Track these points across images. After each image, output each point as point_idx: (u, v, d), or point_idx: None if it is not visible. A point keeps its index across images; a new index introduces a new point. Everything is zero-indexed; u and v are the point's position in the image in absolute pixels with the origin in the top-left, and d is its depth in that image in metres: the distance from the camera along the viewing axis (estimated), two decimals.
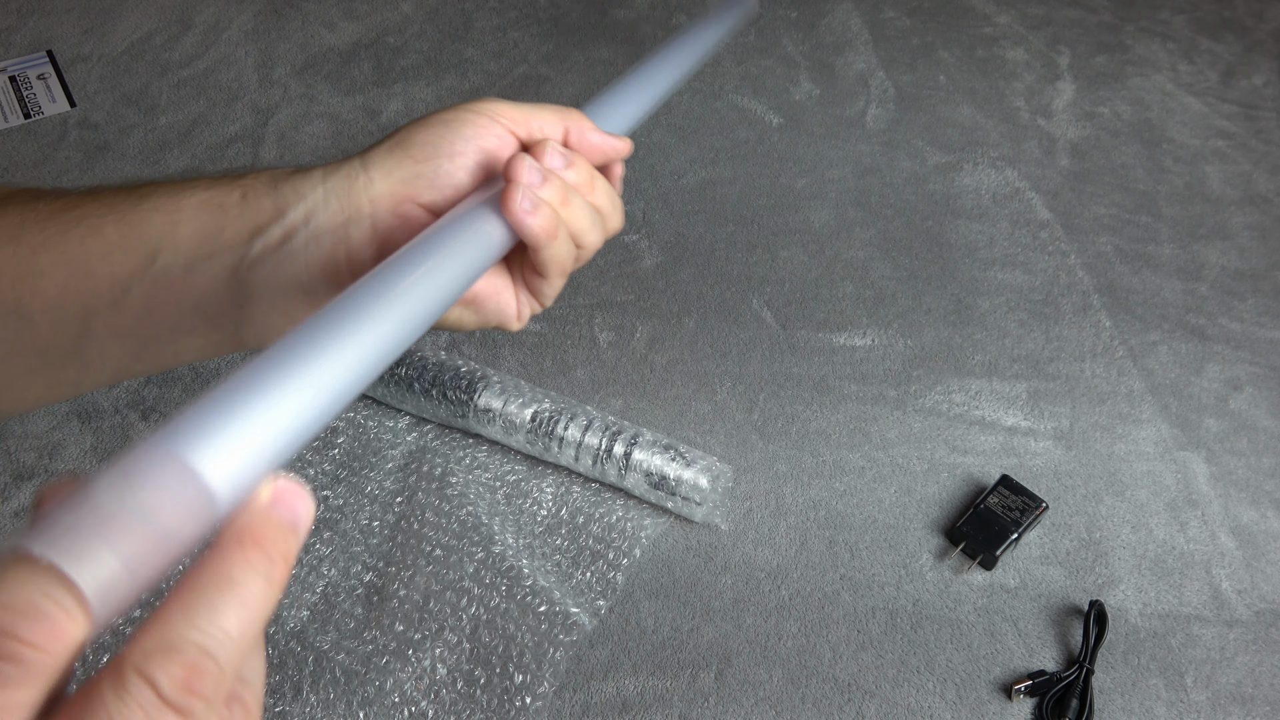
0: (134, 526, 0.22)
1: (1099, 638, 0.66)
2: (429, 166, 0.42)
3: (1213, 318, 0.88)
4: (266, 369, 0.28)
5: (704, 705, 0.63)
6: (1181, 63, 1.12)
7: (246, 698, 0.24)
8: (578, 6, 1.11)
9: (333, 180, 0.40)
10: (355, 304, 0.34)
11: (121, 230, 0.38)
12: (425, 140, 0.42)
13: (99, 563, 0.21)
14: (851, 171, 0.97)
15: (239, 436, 0.25)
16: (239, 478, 0.25)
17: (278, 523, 0.24)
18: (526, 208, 0.40)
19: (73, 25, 1.04)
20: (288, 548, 0.24)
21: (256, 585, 0.23)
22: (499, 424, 0.71)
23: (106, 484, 0.22)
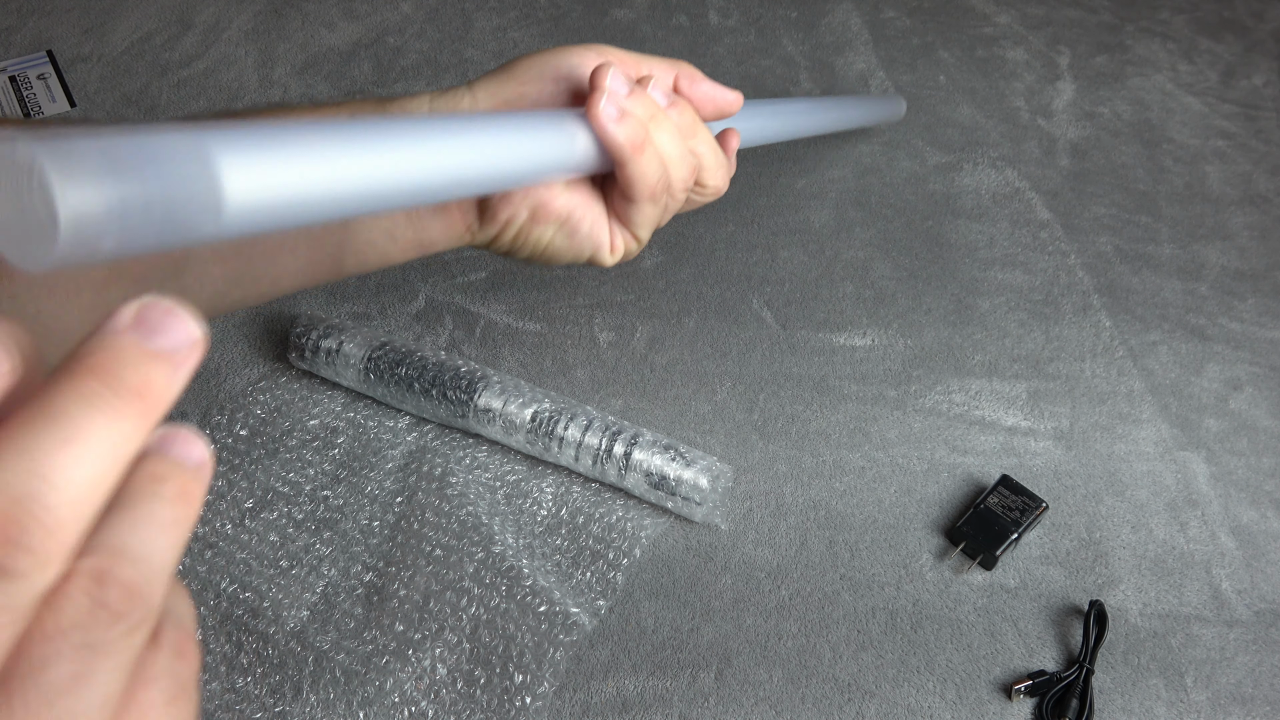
0: (137, 177, 0.20)
1: (1099, 638, 0.66)
2: (533, 88, 0.42)
3: (1213, 318, 0.88)
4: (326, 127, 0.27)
5: (704, 705, 0.63)
6: (1181, 63, 1.12)
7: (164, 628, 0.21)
8: (578, 6, 1.11)
9: (440, 102, 0.41)
10: (426, 125, 0.32)
11: None
12: (531, 64, 0.43)
13: (88, 190, 0.19)
14: (851, 171, 0.97)
15: (273, 164, 0.24)
16: (255, 200, 0.23)
17: (132, 348, 0.20)
18: (611, 114, 0.39)
19: (73, 25, 1.04)
20: (144, 379, 0.19)
21: (91, 421, 0.18)
22: (499, 424, 0.71)
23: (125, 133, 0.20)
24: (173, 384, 0.20)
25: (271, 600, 0.66)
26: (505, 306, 0.83)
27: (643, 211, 0.44)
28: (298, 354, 0.75)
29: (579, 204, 0.44)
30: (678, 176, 0.43)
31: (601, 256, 0.46)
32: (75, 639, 0.18)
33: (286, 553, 0.68)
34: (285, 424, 0.74)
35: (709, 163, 0.45)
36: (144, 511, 0.19)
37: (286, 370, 0.77)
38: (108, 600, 0.18)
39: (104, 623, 0.18)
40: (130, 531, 0.19)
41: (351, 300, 0.82)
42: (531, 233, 0.44)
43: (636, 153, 0.40)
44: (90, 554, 0.18)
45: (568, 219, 0.44)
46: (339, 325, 0.75)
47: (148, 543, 0.19)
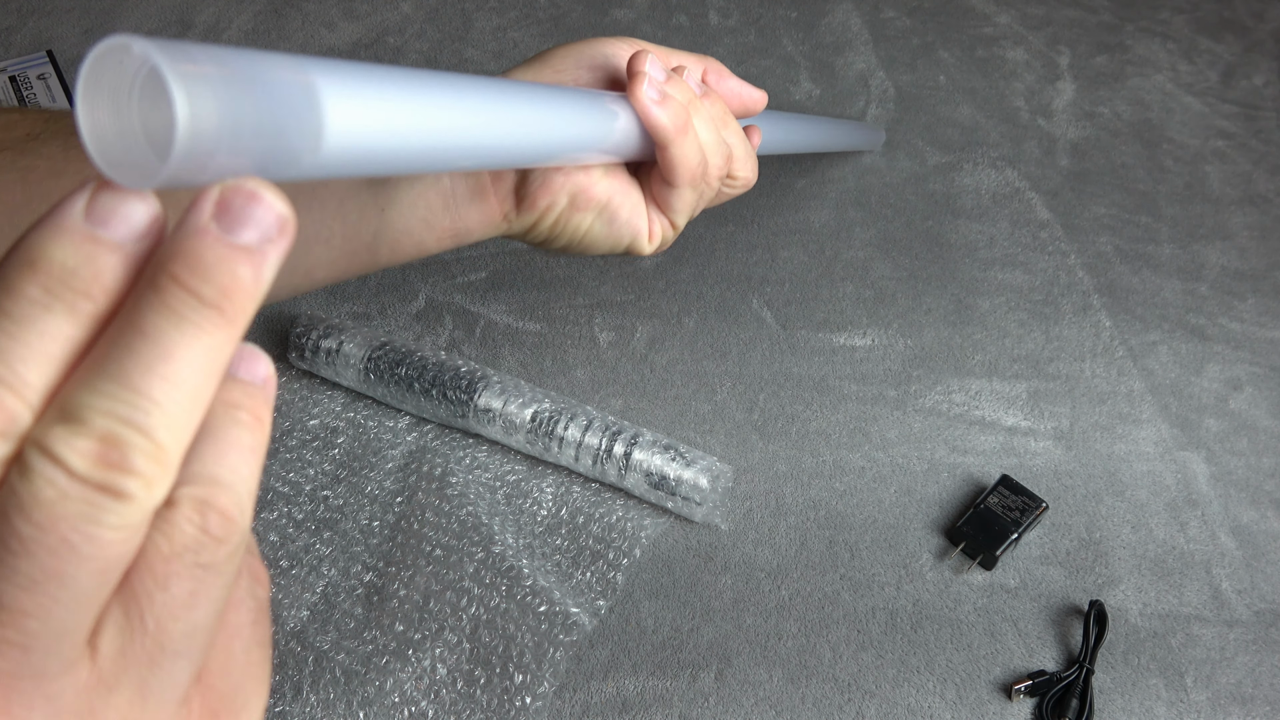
0: (247, 91, 0.19)
1: (1099, 638, 0.66)
2: (568, 76, 0.43)
3: (1213, 318, 0.88)
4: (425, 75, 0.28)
5: (704, 705, 0.63)
6: (1181, 63, 1.12)
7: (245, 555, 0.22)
8: (578, 6, 1.11)
9: None
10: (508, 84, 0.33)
11: None
12: (567, 54, 0.44)
13: (207, 100, 0.18)
14: (851, 171, 0.97)
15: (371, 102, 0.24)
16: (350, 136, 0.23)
17: (216, 246, 0.19)
18: (654, 96, 0.40)
19: (73, 25, 1.04)
20: (232, 280, 0.19)
21: (183, 337, 0.18)
22: (499, 424, 0.71)
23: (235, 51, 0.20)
24: (262, 278, 0.19)
25: (271, 600, 0.66)
26: (505, 306, 0.83)
27: (683, 197, 0.44)
28: (298, 354, 0.75)
29: (618, 190, 0.44)
30: (714, 164, 0.44)
31: (640, 244, 0.46)
32: (189, 560, 0.19)
33: (286, 553, 0.68)
34: (285, 424, 0.74)
35: (740, 153, 0.46)
36: (227, 439, 0.20)
37: (286, 370, 0.77)
38: (211, 527, 0.19)
39: (211, 548, 0.20)
40: (219, 460, 0.20)
41: (351, 300, 0.82)
42: (571, 220, 0.45)
43: (680, 134, 0.41)
44: (189, 483, 0.19)
45: (607, 205, 0.44)
46: (339, 325, 0.75)
47: (235, 470, 0.20)
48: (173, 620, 0.19)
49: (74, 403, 0.18)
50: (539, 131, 0.34)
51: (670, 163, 0.42)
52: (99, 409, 0.18)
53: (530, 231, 0.46)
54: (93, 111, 0.19)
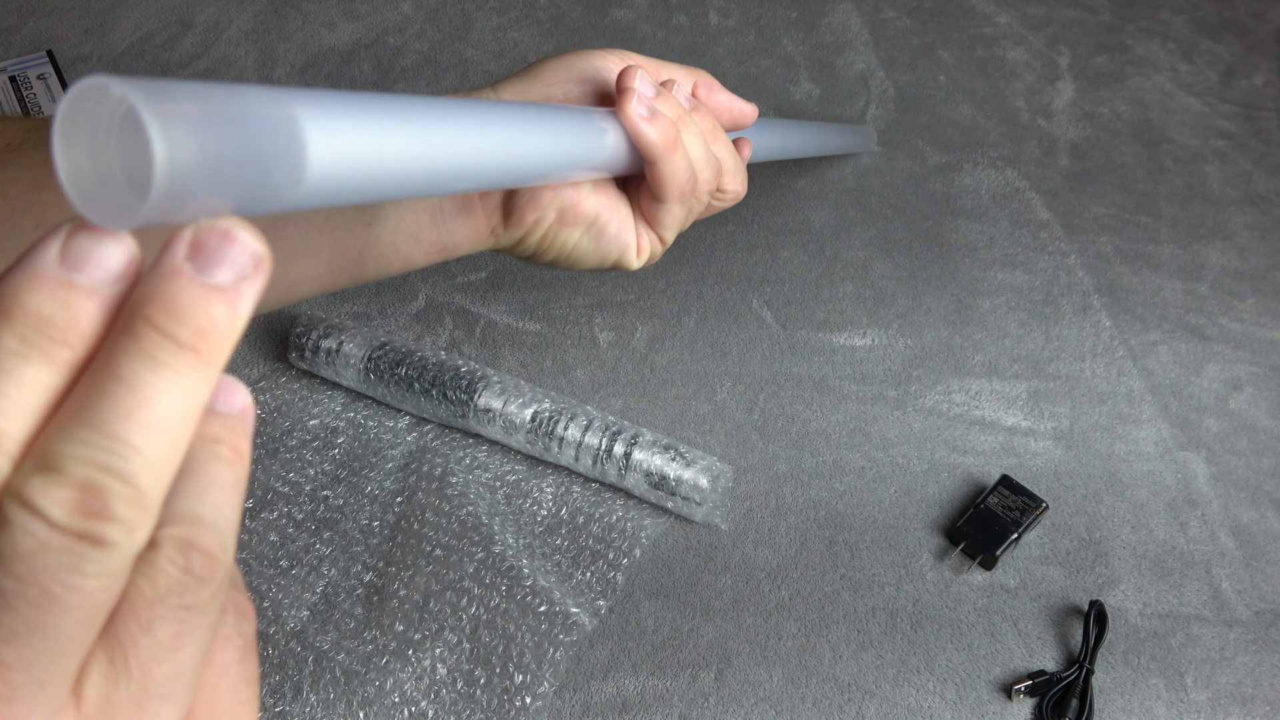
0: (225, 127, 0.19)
1: (1099, 638, 0.66)
2: (558, 90, 0.43)
3: (1213, 318, 0.88)
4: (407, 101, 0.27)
5: (704, 705, 0.63)
6: (1181, 63, 1.12)
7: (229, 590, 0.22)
8: (578, 6, 1.11)
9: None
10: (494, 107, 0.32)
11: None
12: (556, 67, 0.43)
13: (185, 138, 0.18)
14: (851, 171, 0.97)
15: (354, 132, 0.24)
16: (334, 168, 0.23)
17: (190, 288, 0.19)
18: (643, 113, 0.40)
19: (73, 25, 1.04)
20: (207, 321, 0.19)
21: (159, 381, 0.18)
22: (499, 424, 0.71)
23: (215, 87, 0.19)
24: (238, 317, 0.19)
25: (271, 600, 0.66)
26: (505, 306, 0.83)
27: (671, 213, 0.44)
28: (298, 354, 0.75)
29: (606, 205, 0.44)
30: (703, 179, 0.44)
31: (628, 259, 0.47)
32: (173, 602, 0.19)
33: (286, 553, 0.68)
34: (285, 424, 0.74)
35: (729, 166, 0.45)
36: (207, 476, 0.20)
37: (286, 370, 0.77)
38: (194, 567, 0.19)
39: (194, 588, 0.19)
40: (200, 499, 0.20)
41: (351, 300, 0.82)
42: (559, 235, 0.45)
43: (669, 151, 0.41)
44: (171, 523, 0.19)
45: (595, 220, 0.44)
46: (339, 325, 0.75)
47: (217, 507, 0.20)
48: (157, 664, 0.19)
49: (52, 452, 0.18)
50: (525, 153, 0.34)
51: (659, 179, 0.42)
52: (78, 457, 0.17)
53: (518, 246, 0.46)
54: (70, 151, 0.19)
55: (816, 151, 0.66)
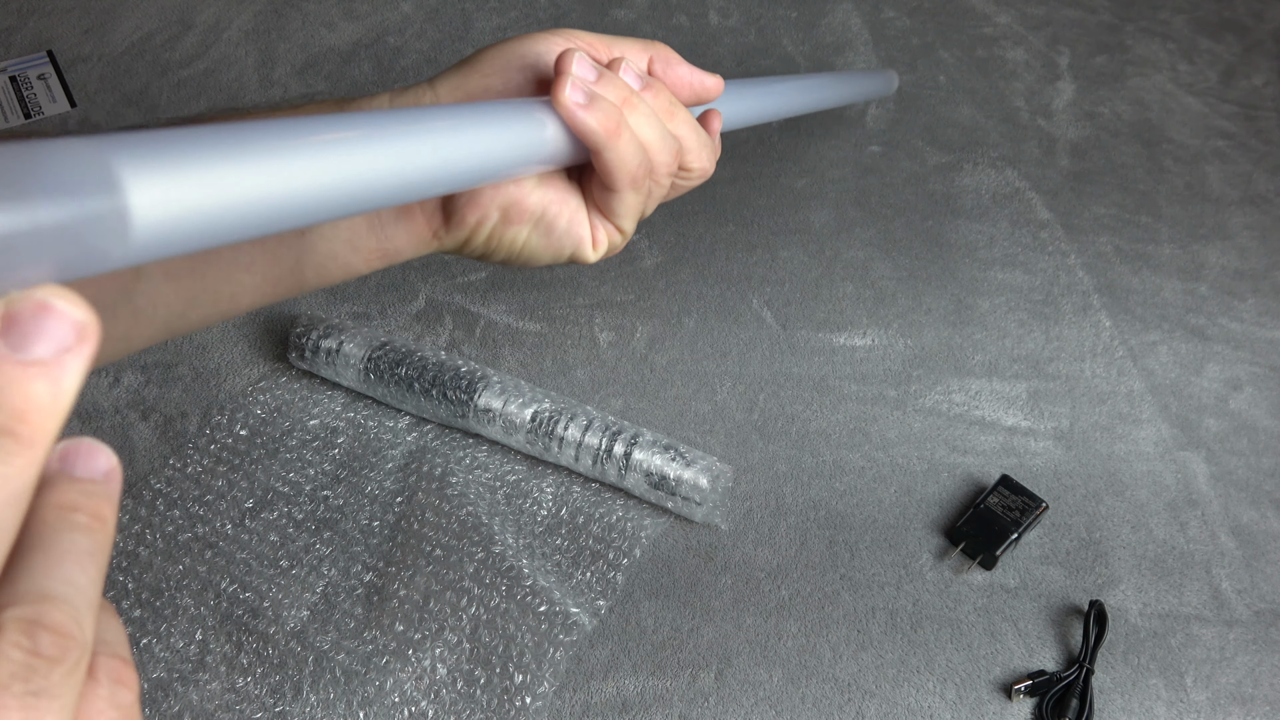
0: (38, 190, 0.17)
1: (1099, 638, 0.66)
2: (497, 79, 0.40)
3: (1213, 318, 0.88)
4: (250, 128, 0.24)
5: (704, 705, 0.63)
6: (1181, 63, 1.12)
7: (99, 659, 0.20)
8: (578, 6, 1.11)
9: (401, 99, 0.39)
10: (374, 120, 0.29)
11: None
12: (495, 55, 0.41)
13: None
14: (851, 171, 0.97)
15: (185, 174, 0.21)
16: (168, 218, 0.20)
17: (4, 366, 0.18)
18: (579, 100, 0.37)
19: (73, 25, 1.04)
20: (25, 401, 0.18)
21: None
22: (499, 424, 0.71)
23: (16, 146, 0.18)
24: (62, 392, 0.18)
25: (271, 600, 0.66)
26: (505, 306, 0.83)
27: (625, 201, 0.42)
28: (298, 354, 0.75)
29: (554, 200, 0.42)
30: (660, 161, 0.41)
31: (583, 253, 0.44)
32: (18, 689, 0.18)
33: (286, 553, 0.68)
34: (285, 424, 0.74)
35: (691, 144, 0.43)
36: (60, 548, 0.19)
37: (286, 370, 0.77)
38: (41, 648, 0.18)
39: (43, 671, 0.18)
40: (49, 573, 0.18)
41: (351, 300, 0.82)
42: (505, 234, 0.42)
43: (612, 138, 0.38)
44: (14, 604, 0.18)
45: (543, 216, 0.42)
46: (339, 325, 0.75)
47: (70, 580, 0.19)
48: None
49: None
50: (436, 163, 0.31)
51: (607, 167, 0.39)
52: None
53: (464, 247, 0.43)
54: None
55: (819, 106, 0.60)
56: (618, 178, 0.40)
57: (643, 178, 0.41)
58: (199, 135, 0.22)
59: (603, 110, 0.38)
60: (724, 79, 0.47)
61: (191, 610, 0.65)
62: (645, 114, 0.40)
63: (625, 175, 0.40)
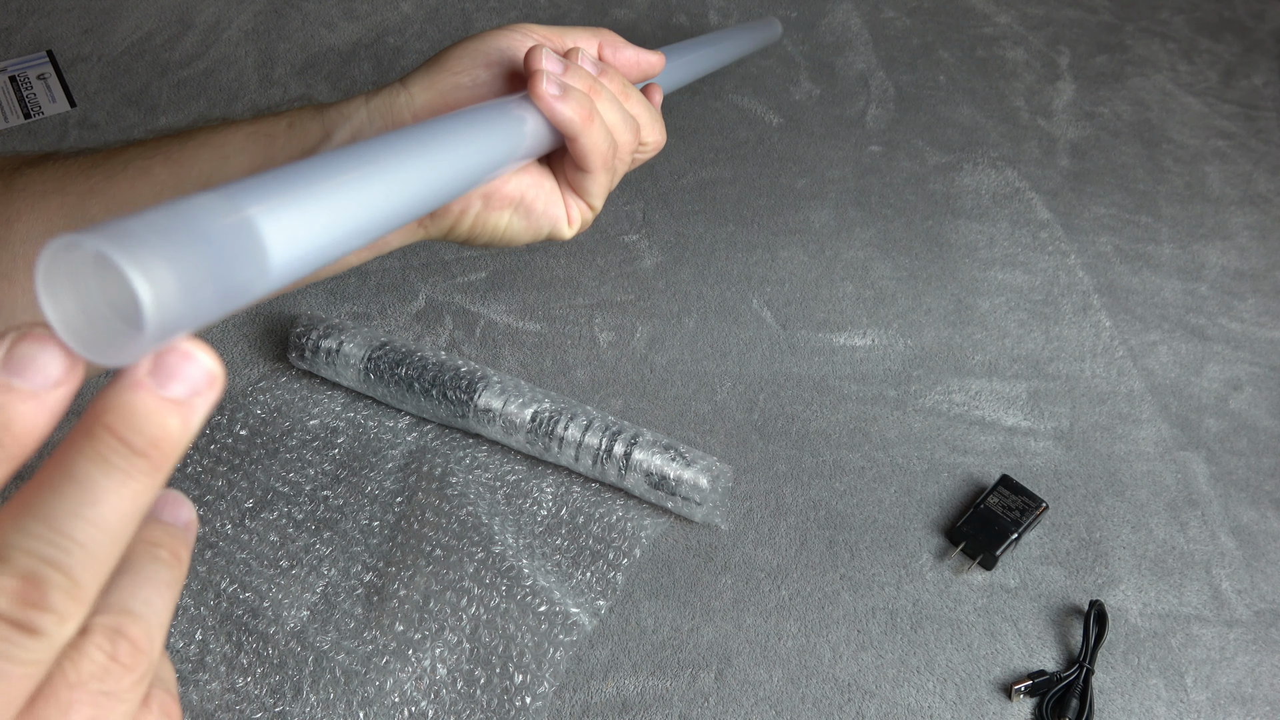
0: (193, 251, 0.20)
1: (1099, 638, 0.66)
2: (466, 77, 0.43)
3: (1213, 318, 0.88)
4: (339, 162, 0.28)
5: (704, 705, 0.63)
6: (1181, 63, 1.12)
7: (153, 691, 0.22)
8: (578, 6, 1.11)
9: (376, 101, 0.41)
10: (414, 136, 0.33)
11: (170, 169, 0.38)
12: (461, 54, 0.44)
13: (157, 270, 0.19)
14: (851, 171, 0.97)
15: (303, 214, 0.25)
16: (292, 252, 0.24)
17: (148, 400, 0.20)
18: (555, 92, 0.40)
19: (73, 25, 1.04)
20: (160, 431, 0.20)
21: (110, 482, 0.20)
22: (499, 424, 0.71)
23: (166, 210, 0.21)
24: (189, 428, 0.21)
25: (271, 600, 0.66)
26: (505, 306, 0.83)
27: (597, 180, 0.45)
28: (298, 354, 0.75)
29: (531, 184, 0.45)
30: (624, 140, 0.44)
31: (560, 230, 0.47)
32: (94, 688, 0.20)
33: (286, 553, 0.68)
34: (285, 424, 0.74)
35: (646, 120, 0.46)
36: (144, 573, 0.22)
37: (286, 370, 0.77)
38: (120, 655, 0.20)
39: (117, 675, 0.20)
40: (134, 593, 0.21)
41: (351, 300, 0.82)
42: (488, 220, 0.45)
43: (586, 125, 0.41)
44: (103, 612, 0.20)
45: (522, 200, 0.45)
46: (339, 325, 0.75)
47: (150, 603, 0.21)
48: None
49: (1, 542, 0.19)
50: (458, 170, 0.35)
51: (582, 152, 0.43)
52: (24, 548, 0.19)
53: (449, 234, 0.47)
54: (59, 306, 0.20)
55: (726, 60, 0.66)
56: (591, 160, 0.43)
57: (612, 158, 0.44)
58: (306, 172, 0.26)
59: (575, 100, 0.41)
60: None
61: (191, 610, 0.65)
62: (608, 99, 0.43)
63: (598, 157, 0.43)
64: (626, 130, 0.44)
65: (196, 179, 0.38)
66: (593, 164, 0.43)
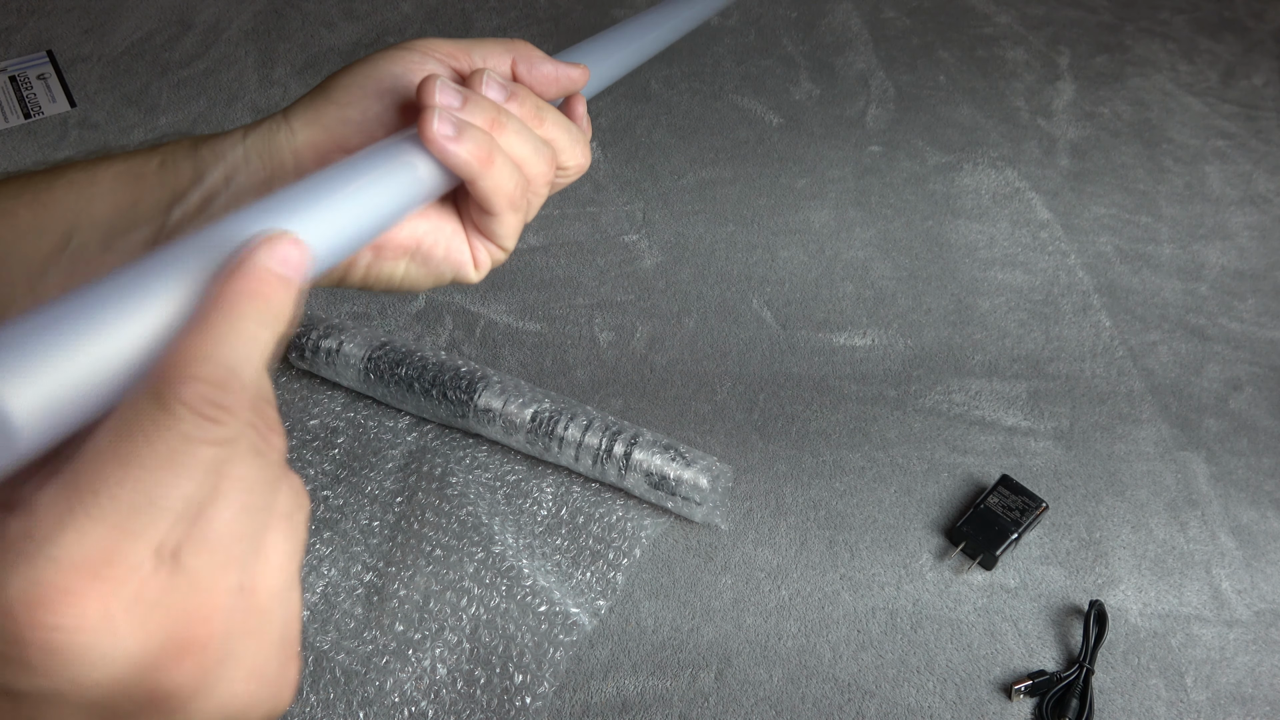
0: None
1: (1099, 638, 0.66)
2: (354, 110, 0.38)
3: (1213, 318, 0.88)
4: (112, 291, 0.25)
5: (704, 705, 0.63)
6: (1181, 63, 1.12)
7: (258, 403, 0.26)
8: (578, 6, 1.11)
9: (253, 137, 0.37)
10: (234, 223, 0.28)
11: (35, 211, 0.35)
12: (349, 83, 0.38)
13: None
14: (851, 171, 0.97)
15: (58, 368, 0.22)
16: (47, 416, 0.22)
17: (273, 269, 0.26)
18: (448, 133, 0.35)
19: (73, 25, 1.04)
20: (286, 291, 0.26)
21: (262, 323, 0.26)
22: (499, 424, 0.71)
23: None
24: (295, 288, 0.27)
25: None
26: (505, 306, 0.83)
27: (505, 222, 0.40)
28: (298, 354, 0.75)
29: (427, 230, 0.40)
30: (536, 173, 0.39)
31: (465, 274, 0.42)
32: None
33: None
34: (285, 424, 0.74)
35: (564, 144, 0.41)
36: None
37: (286, 370, 0.77)
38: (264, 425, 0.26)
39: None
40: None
41: (351, 300, 0.82)
42: (380, 271, 0.40)
43: (485, 166, 0.37)
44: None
45: (418, 248, 0.40)
46: (339, 325, 0.75)
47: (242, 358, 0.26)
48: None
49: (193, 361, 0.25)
50: (329, 245, 0.31)
51: (484, 194, 0.38)
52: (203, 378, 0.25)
53: (341, 283, 0.42)
54: None
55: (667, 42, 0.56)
56: (495, 202, 0.38)
57: (520, 196, 0.39)
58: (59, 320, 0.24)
59: (473, 140, 0.36)
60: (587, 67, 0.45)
61: None
62: (515, 129, 0.38)
63: (503, 199, 0.38)
64: (539, 161, 0.39)
65: (60, 222, 0.35)
66: (497, 206, 0.38)
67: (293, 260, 0.27)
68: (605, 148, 0.97)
